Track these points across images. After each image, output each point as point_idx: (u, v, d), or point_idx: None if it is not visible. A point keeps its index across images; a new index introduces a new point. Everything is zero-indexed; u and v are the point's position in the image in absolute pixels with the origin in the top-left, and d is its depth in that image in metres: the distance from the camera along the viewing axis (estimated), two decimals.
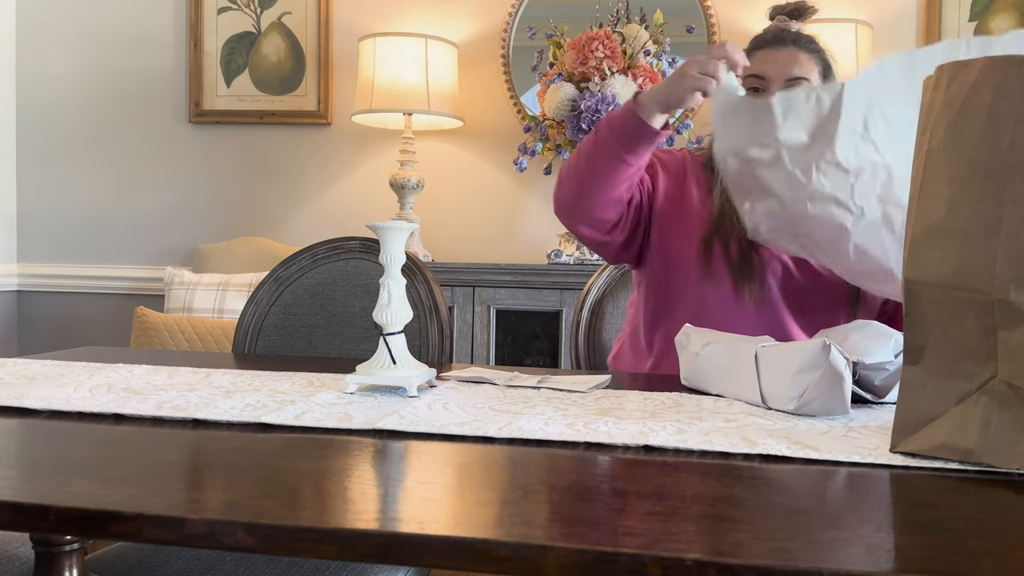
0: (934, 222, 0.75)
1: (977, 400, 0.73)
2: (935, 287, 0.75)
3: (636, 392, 1.08)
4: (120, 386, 1.06)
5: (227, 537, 0.57)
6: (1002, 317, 0.71)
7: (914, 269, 0.77)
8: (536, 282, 2.56)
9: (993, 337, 0.72)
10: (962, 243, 0.73)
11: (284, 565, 1.11)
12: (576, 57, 2.57)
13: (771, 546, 0.54)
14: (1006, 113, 0.71)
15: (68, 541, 0.95)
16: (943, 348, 0.76)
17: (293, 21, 3.07)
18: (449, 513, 0.61)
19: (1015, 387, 0.71)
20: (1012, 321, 0.71)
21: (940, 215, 0.75)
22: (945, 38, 2.72)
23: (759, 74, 1.39)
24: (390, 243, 1.08)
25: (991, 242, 0.71)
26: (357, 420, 0.88)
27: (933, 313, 0.76)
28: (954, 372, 0.75)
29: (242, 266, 2.90)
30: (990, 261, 0.71)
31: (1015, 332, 0.70)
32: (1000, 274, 0.70)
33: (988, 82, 0.72)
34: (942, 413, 0.76)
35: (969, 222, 0.72)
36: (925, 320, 0.77)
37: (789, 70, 1.37)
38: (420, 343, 1.53)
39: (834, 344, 0.95)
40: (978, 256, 0.72)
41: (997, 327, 0.71)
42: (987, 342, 0.72)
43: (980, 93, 0.73)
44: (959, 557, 0.52)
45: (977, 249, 0.72)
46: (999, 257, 0.70)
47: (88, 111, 3.23)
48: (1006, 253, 0.70)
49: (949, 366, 0.75)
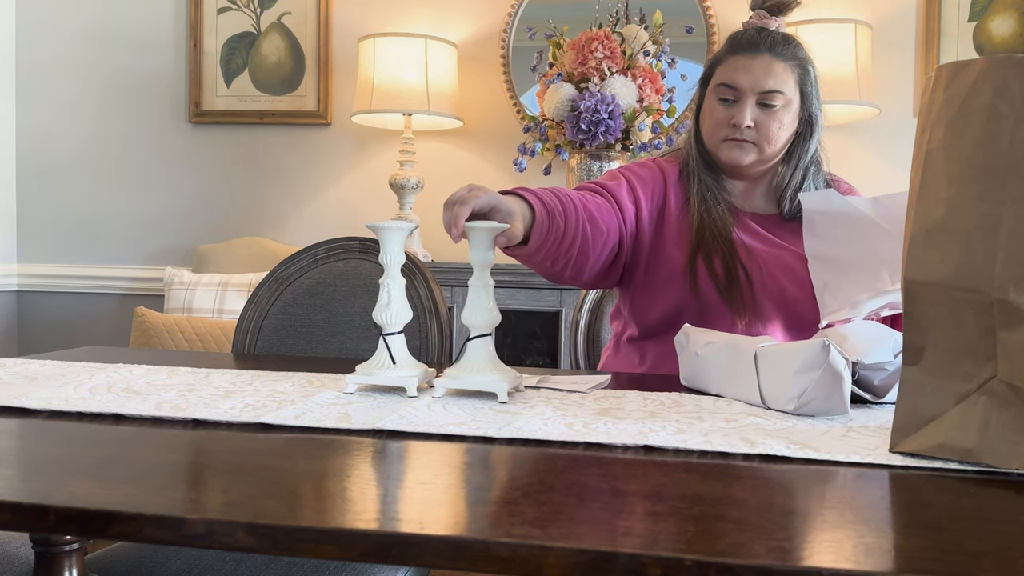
0: (934, 222, 0.75)
1: (976, 400, 0.73)
2: (935, 287, 0.75)
3: (636, 392, 1.08)
4: (120, 386, 1.06)
5: (227, 537, 0.57)
6: (1002, 317, 0.71)
7: (914, 269, 0.76)
8: (536, 282, 2.56)
9: (992, 337, 0.72)
10: (962, 243, 0.73)
11: (284, 565, 1.11)
12: (576, 57, 2.57)
13: (771, 546, 0.54)
14: (1006, 113, 0.71)
15: (68, 541, 0.95)
16: (942, 348, 0.76)
17: (293, 21, 3.07)
18: (449, 513, 0.61)
19: (1015, 387, 0.71)
20: (1012, 321, 0.70)
21: (940, 215, 0.74)
22: (945, 38, 2.72)
23: (731, 84, 1.37)
24: (390, 243, 1.08)
25: (991, 242, 0.71)
26: (357, 420, 0.88)
27: (932, 313, 0.76)
28: (953, 372, 0.75)
29: (242, 266, 2.90)
30: (990, 261, 0.71)
31: (1015, 332, 0.70)
32: (1000, 274, 0.70)
33: (988, 82, 0.72)
34: (941, 413, 0.75)
35: (969, 222, 0.72)
36: (924, 320, 0.76)
37: (764, 82, 1.35)
38: (420, 343, 1.53)
39: (833, 344, 0.95)
40: (978, 256, 0.72)
41: (997, 327, 0.71)
42: (986, 342, 0.72)
43: (980, 93, 0.73)
44: (959, 557, 0.52)
45: (977, 249, 0.72)
46: (999, 257, 0.70)
47: (88, 111, 3.23)
48: (1006, 253, 0.70)
49: (949, 366, 0.75)
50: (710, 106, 1.41)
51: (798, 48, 1.40)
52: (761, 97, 1.36)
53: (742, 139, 1.37)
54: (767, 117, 1.36)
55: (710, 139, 1.41)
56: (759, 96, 1.36)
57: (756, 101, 1.36)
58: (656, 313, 1.41)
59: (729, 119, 1.37)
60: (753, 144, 1.37)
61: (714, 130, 1.40)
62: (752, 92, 1.36)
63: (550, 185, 1.47)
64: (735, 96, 1.37)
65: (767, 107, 1.36)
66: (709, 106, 1.41)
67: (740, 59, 1.37)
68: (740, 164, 1.39)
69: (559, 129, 2.63)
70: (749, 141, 1.37)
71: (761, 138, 1.37)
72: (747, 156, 1.38)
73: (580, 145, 2.58)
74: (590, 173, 2.62)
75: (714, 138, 1.40)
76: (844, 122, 2.72)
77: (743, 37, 1.40)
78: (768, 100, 1.36)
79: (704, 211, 1.40)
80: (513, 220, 1.11)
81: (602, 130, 2.49)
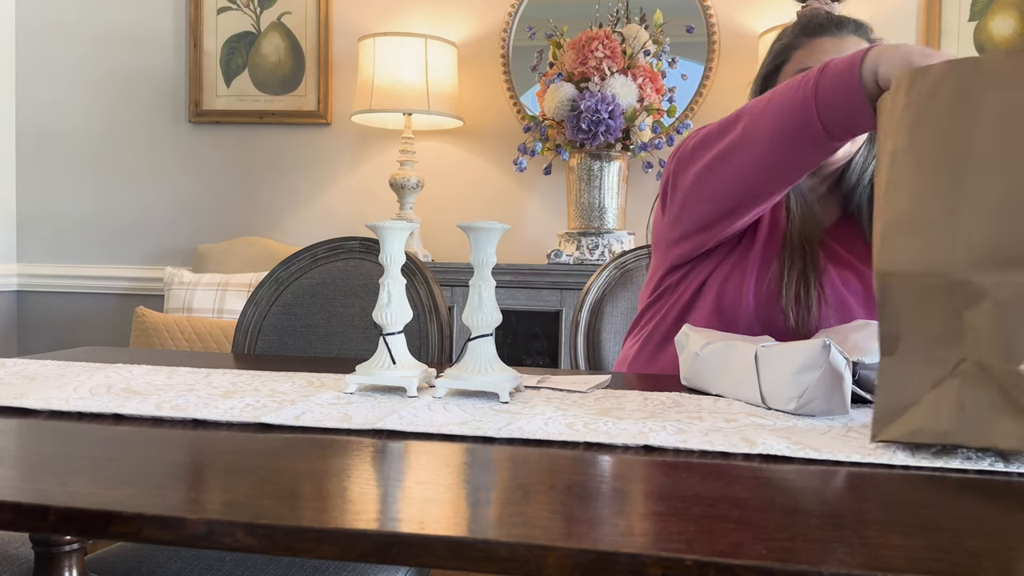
0: (900, 215, 0.78)
1: (951, 384, 0.75)
2: (903, 276, 0.78)
3: (636, 392, 1.08)
4: (120, 386, 1.06)
5: (227, 537, 0.57)
6: (965, 298, 0.73)
7: (883, 261, 0.80)
8: (536, 282, 2.56)
9: (959, 319, 0.74)
10: (926, 232, 0.76)
11: (284, 565, 1.11)
12: (576, 57, 2.57)
13: (771, 546, 0.54)
14: (966, 109, 0.74)
15: (68, 541, 0.95)
16: (916, 336, 0.78)
17: (293, 21, 3.07)
18: (449, 513, 0.61)
19: (984, 365, 0.73)
20: (973, 300, 0.73)
21: (905, 208, 0.78)
22: (945, 38, 2.72)
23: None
24: (390, 243, 1.08)
25: (952, 229, 0.74)
26: (357, 420, 0.88)
27: (904, 302, 0.78)
28: (928, 358, 0.77)
29: (242, 266, 2.90)
30: (951, 245, 0.74)
31: (978, 312, 0.73)
32: (960, 257, 0.73)
33: (947, 83, 0.76)
34: (919, 399, 0.77)
35: (932, 212, 0.75)
36: (897, 310, 0.79)
37: None
38: (420, 343, 1.53)
39: (834, 344, 0.95)
40: (941, 242, 0.75)
41: (962, 308, 0.74)
42: (954, 324, 0.74)
43: (940, 93, 0.76)
44: (959, 557, 0.52)
45: (940, 236, 0.75)
46: (959, 241, 0.73)
47: (88, 111, 3.23)
48: (966, 237, 0.73)
49: (923, 353, 0.77)
50: None
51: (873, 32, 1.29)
52: None
53: None
54: None
55: None
56: None
57: None
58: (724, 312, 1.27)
59: None
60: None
61: None
62: None
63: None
64: None
65: None
66: None
67: (825, 40, 1.24)
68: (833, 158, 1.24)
69: (559, 129, 2.63)
70: None
71: None
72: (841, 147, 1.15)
73: (580, 145, 2.58)
74: (590, 173, 2.62)
75: None
76: None
77: (821, 19, 1.27)
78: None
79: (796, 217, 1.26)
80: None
81: (602, 130, 2.49)
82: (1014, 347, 0.71)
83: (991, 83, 0.73)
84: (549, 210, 2.92)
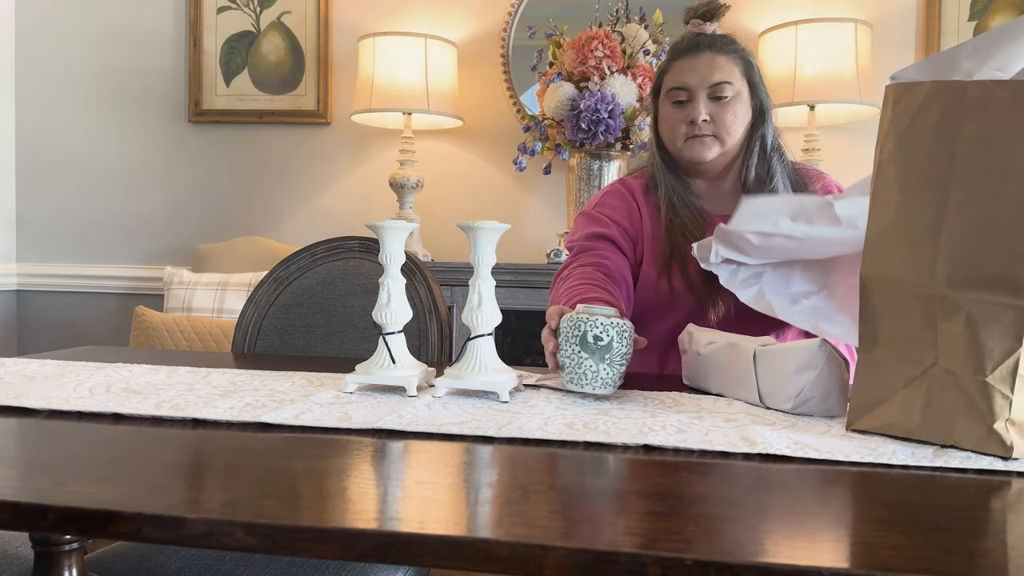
0: (885, 225, 0.85)
1: (921, 384, 0.82)
2: (886, 283, 0.85)
3: (636, 392, 1.08)
4: (119, 386, 1.06)
5: (226, 537, 0.57)
6: (941, 310, 0.80)
7: (869, 267, 0.86)
8: (536, 282, 2.56)
9: (934, 328, 0.80)
10: (909, 244, 0.82)
11: (284, 565, 1.11)
12: (576, 57, 2.57)
13: (771, 546, 0.53)
14: (949, 131, 0.79)
15: (67, 541, 0.95)
16: (893, 337, 0.84)
17: (293, 20, 3.07)
18: (449, 513, 0.61)
19: (951, 372, 0.79)
20: (949, 313, 0.79)
21: (890, 219, 0.84)
22: (945, 38, 2.72)
23: (682, 85, 1.42)
24: (389, 243, 1.08)
25: (933, 244, 0.80)
26: (356, 420, 0.88)
27: (884, 306, 0.85)
28: (902, 359, 0.83)
29: (241, 266, 2.90)
30: (932, 260, 0.80)
31: (952, 323, 0.79)
32: (939, 272, 0.80)
33: (934, 103, 0.81)
34: (891, 396, 0.84)
35: (915, 226, 0.82)
36: (878, 312, 0.86)
37: (710, 76, 1.40)
38: (420, 343, 1.53)
39: (831, 343, 0.95)
40: (922, 256, 0.81)
41: (937, 319, 0.80)
42: (929, 331, 0.81)
43: (926, 112, 0.81)
44: (959, 557, 0.52)
45: (921, 250, 0.81)
46: (939, 257, 0.80)
47: (87, 110, 3.23)
48: (945, 254, 0.79)
49: (898, 353, 0.84)
50: (666, 112, 1.46)
51: (736, 43, 1.45)
52: (711, 91, 1.40)
53: (702, 134, 1.41)
54: (721, 109, 1.40)
55: (671, 142, 1.45)
56: (709, 90, 1.40)
57: (707, 96, 1.40)
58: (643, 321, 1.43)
59: (686, 118, 1.42)
60: (713, 137, 1.41)
61: (673, 132, 1.44)
62: (702, 87, 1.40)
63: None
64: (687, 96, 1.41)
65: (719, 99, 1.40)
66: (665, 112, 1.46)
67: (684, 61, 1.43)
68: (705, 159, 1.42)
69: (559, 128, 2.63)
70: (709, 135, 1.41)
71: (720, 130, 1.41)
72: (710, 151, 1.42)
73: (580, 144, 2.58)
74: (590, 172, 2.62)
75: (675, 140, 1.44)
76: (844, 121, 2.72)
77: (682, 43, 1.45)
78: (719, 92, 1.40)
79: (672, 215, 1.44)
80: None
81: (602, 129, 2.49)
82: (981, 360, 0.77)
83: (975, 109, 0.77)
84: (549, 210, 2.92)
